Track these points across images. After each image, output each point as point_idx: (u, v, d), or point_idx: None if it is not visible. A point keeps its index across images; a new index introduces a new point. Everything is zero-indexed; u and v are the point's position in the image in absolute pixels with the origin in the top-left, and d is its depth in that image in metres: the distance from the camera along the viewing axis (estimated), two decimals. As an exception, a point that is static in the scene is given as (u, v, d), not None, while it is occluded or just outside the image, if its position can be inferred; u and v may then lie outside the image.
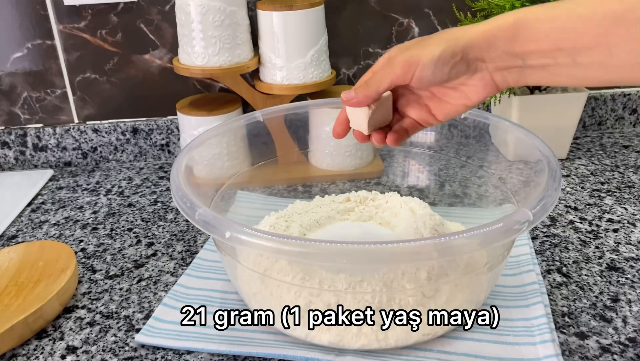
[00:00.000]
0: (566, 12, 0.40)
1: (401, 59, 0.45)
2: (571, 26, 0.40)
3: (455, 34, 0.44)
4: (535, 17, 0.41)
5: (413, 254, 0.42)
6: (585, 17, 0.39)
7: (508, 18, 0.42)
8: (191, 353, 0.52)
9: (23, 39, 0.90)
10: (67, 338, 0.55)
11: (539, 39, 0.41)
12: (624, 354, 0.50)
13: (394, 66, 0.45)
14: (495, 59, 0.43)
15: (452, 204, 0.72)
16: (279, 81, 0.83)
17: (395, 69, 0.45)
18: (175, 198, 0.50)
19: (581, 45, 0.40)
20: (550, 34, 0.41)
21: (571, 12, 0.40)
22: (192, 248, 0.69)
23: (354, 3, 0.90)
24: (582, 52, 0.40)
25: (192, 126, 0.86)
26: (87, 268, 0.66)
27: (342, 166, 0.83)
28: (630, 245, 0.65)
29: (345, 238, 0.63)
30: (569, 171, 0.85)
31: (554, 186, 0.48)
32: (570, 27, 0.40)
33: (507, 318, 0.54)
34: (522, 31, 0.41)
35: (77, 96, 0.94)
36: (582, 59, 0.40)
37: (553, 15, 0.40)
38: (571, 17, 0.40)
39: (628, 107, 0.99)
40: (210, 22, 0.78)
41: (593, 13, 0.39)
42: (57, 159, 0.96)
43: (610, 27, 0.38)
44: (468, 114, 0.65)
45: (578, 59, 0.40)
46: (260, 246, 0.43)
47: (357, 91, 0.47)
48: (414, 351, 0.50)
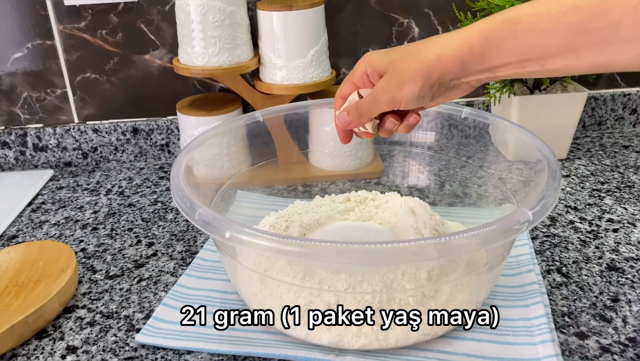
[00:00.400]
0: (528, 27, 0.41)
1: (384, 99, 0.48)
2: (535, 41, 0.41)
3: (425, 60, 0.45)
4: (501, 35, 0.42)
5: (413, 254, 0.42)
6: (548, 31, 0.40)
7: (475, 37, 0.43)
8: (191, 353, 0.52)
9: (23, 39, 0.90)
10: (67, 338, 0.55)
11: (505, 55, 0.43)
12: (624, 354, 0.50)
13: (379, 104, 0.49)
14: (468, 76, 0.46)
15: (452, 204, 0.72)
16: (279, 81, 0.83)
17: (380, 106, 0.49)
18: (175, 198, 0.50)
19: (548, 55, 0.41)
20: (516, 51, 0.42)
21: (534, 27, 0.41)
22: (192, 248, 0.69)
23: (354, 3, 0.90)
24: (550, 60, 0.41)
25: (192, 126, 0.86)
26: (87, 268, 0.66)
27: (342, 166, 0.83)
28: (630, 245, 0.65)
29: (345, 238, 0.63)
30: (569, 171, 0.85)
31: (554, 186, 0.48)
32: (535, 43, 0.41)
33: (507, 318, 0.54)
34: (490, 51, 0.43)
35: (77, 96, 0.94)
36: (550, 65, 0.42)
37: (516, 32, 0.42)
38: (534, 33, 0.41)
39: (628, 107, 0.99)
40: (210, 22, 0.78)
41: (555, 27, 0.40)
42: (57, 159, 0.97)
43: (575, 36, 0.39)
44: (468, 114, 0.65)
45: (547, 66, 0.42)
46: (260, 246, 0.43)
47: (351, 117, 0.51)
48: (414, 351, 0.50)
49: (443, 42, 0.45)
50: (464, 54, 0.44)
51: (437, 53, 0.45)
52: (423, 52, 0.46)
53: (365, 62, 0.50)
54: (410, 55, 0.47)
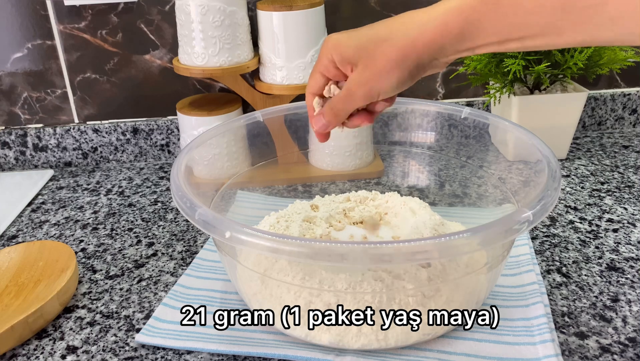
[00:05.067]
0: (512, 8, 0.39)
1: (360, 94, 0.45)
2: (519, 20, 0.39)
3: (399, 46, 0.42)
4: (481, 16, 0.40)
5: (413, 254, 0.42)
6: (532, 12, 0.38)
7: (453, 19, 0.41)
8: (191, 353, 0.52)
9: (23, 39, 0.90)
10: (67, 338, 0.55)
11: (487, 35, 0.41)
12: (624, 354, 0.50)
13: (355, 99, 0.46)
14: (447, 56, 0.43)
15: (452, 204, 0.73)
16: (279, 81, 0.83)
17: (357, 101, 0.46)
18: (175, 198, 0.50)
19: (530, 34, 0.39)
20: (498, 31, 0.40)
21: (518, 6, 0.39)
22: (192, 248, 0.69)
23: (354, 3, 0.90)
24: (532, 38, 0.40)
25: (192, 126, 0.86)
26: (87, 268, 0.66)
27: (342, 166, 0.83)
28: (630, 245, 0.65)
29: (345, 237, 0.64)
30: (569, 171, 0.85)
31: (554, 186, 0.48)
32: (518, 22, 0.39)
33: (507, 318, 0.54)
34: (470, 33, 0.41)
35: (77, 96, 0.94)
36: (531, 43, 0.40)
37: (498, 13, 0.39)
38: (518, 12, 0.39)
39: (628, 107, 0.99)
40: (210, 22, 0.78)
41: (540, 6, 0.38)
42: (57, 159, 0.97)
43: (560, 15, 0.37)
44: (468, 114, 0.65)
45: (527, 43, 0.40)
46: (260, 246, 0.43)
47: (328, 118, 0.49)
48: (414, 351, 0.50)
49: (416, 24, 0.42)
50: (441, 38, 0.41)
51: (411, 37, 0.42)
52: (395, 37, 0.43)
53: (331, 50, 0.46)
54: (381, 41, 0.43)
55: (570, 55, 0.78)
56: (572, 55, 0.78)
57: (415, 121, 0.72)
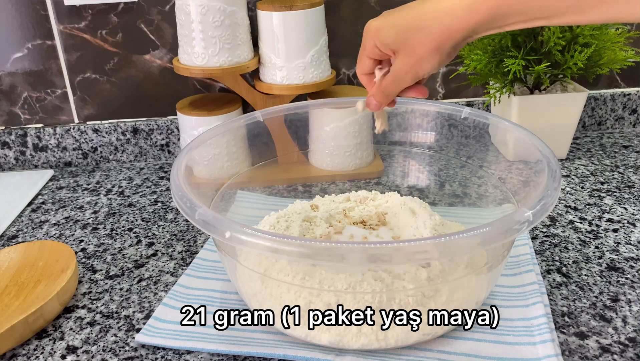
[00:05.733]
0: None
1: (408, 78, 0.51)
2: (544, 3, 0.42)
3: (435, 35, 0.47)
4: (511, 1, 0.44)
5: (413, 254, 0.42)
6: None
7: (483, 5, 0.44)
8: (191, 353, 0.52)
9: (23, 39, 0.90)
10: (67, 338, 0.55)
11: (515, 16, 0.44)
12: (624, 354, 0.50)
13: (403, 82, 0.52)
14: (479, 33, 0.47)
15: (452, 204, 0.72)
16: (279, 81, 0.83)
17: (405, 84, 0.52)
18: (175, 198, 0.50)
19: (556, 14, 0.43)
20: (525, 12, 0.44)
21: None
22: (192, 248, 0.69)
23: (354, 3, 0.90)
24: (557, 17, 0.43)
25: (192, 126, 0.86)
26: (87, 268, 0.66)
27: (342, 166, 0.83)
28: (630, 245, 0.65)
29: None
30: (569, 171, 0.85)
31: (554, 186, 0.48)
32: (544, 5, 0.42)
33: (507, 318, 0.54)
34: (500, 15, 0.44)
35: (77, 96, 0.94)
36: (556, 21, 0.43)
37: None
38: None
39: (628, 107, 0.99)
40: (210, 22, 0.78)
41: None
42: (57, 159, 0.97)
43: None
44: (468, 114, 0.65)
45: (553, 20, 0.44)
46: (260, 246, 0.43)
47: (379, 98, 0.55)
48: (414, 351, 0.50)
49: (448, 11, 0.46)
50: (473, 22, 0.45)
51: (445, 24, 0.46)
52: (430, 25, 0.47)
53: (373, 37, 0.51)
54: (417, 30, 0.48)
55: (570, 55, 0.78)
56: (572, 55, 0.78)
57: (415, 121, 0.72)
